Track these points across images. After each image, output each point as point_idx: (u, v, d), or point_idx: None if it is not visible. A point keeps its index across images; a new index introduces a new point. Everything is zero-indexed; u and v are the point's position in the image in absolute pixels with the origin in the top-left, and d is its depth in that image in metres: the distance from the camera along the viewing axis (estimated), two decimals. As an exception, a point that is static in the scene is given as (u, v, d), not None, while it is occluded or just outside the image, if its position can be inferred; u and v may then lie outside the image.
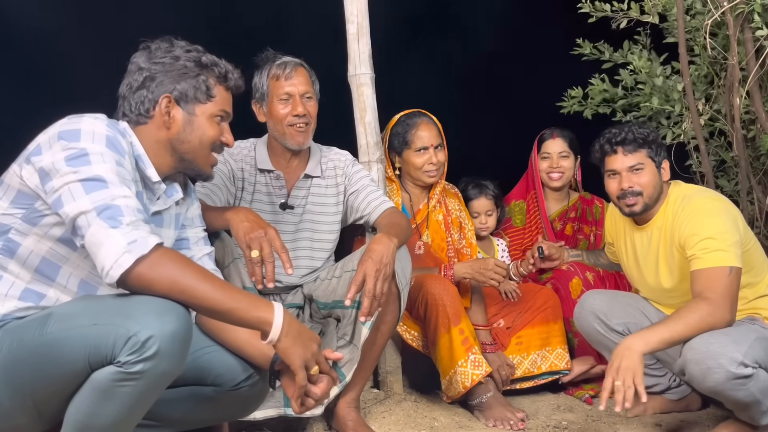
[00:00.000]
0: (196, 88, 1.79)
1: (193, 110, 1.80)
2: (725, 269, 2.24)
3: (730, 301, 2.22)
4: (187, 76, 1.79)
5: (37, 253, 1.66)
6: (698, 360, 2.15)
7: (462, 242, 3.03)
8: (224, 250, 2.27)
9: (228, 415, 2.00)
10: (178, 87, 1.78)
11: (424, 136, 2.91)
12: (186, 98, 1.79)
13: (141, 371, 1.48)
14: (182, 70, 1.78)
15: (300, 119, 2.47)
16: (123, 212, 1.54)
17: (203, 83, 1.80)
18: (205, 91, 1.80)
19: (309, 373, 1.66)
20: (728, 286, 2.23)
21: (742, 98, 2.79)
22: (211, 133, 1.83)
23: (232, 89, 1.87)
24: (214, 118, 1.83)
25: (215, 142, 1.85)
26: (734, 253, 2.26)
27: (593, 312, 2.61)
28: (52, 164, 1.58)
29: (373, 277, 2.13)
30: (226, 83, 1.85)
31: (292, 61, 2.50)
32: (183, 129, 1.80)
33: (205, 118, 1.81)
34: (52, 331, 1.52)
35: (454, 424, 2.56)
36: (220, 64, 1.84)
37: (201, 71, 1.80)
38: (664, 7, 3.01)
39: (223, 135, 1.86)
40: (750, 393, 2.16)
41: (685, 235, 2.35)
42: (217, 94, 1.82)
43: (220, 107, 1.84)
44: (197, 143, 1.82)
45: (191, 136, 1.81)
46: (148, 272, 1.51)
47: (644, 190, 2.43)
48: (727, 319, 2.21)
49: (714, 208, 2.36)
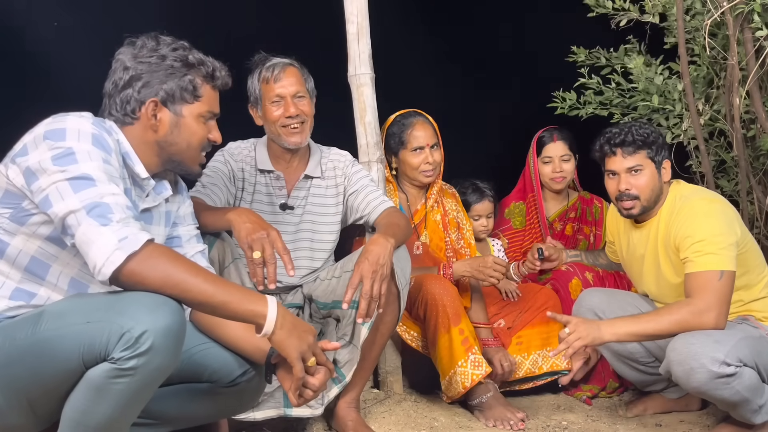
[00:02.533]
0: (183, 89, 1.78)
1: (180, 111, 1.79)
2: (716, 273, 2.23)
3: (719, 305, 2.21)
4: (174, 76, 1.77)
5: (26, 252, 1.66)
6: (680, 361, 2.16)
7: (460, 242, 3.03)
8: (225, 251, 2.27)
9: (225, 412, 2.00)
10: (164, 88, 1.77)
11: (419, 135, 2.90)
12: (173, 99, 1.78)
13: (135, 367, 1.49)
14: (169, 70, 1.77)
15: (293, 120, 2.46)
16: (112, 210, 1.54)
17: (190, 83, 1.78)
18: (192, 91, 1.79)
19: (306, 365, 1.66)
20: (718, 289, 2.22)
21: (741, 98, 2.79)
22: (199, 133, 1.82)
23: (219, 88, 1.85)
24: (201, 117, 1.82)
25: (203, 142, 1.84)
26: (727, 256, 2.26)
27: (591, 309, 2.62)
28: (38, 164, 1.58)
29: (369, 279, 2.12)
30: (213, 82, 1.83)
31: (280, 62, 2.49)
32: (170, 131, 1.79)
33: (192, 119, 1.80)
34: (46, 329, 1.52)
35: (454, 424, 2.56)
36: (206, 63, 1.82)
37: (188, 71, 1.78)
38: (664, 7, 3.01)
39: (211, 133, 1.85)
40: (736, 392, 2.15)
41: (680, 237, 2.34)
42: (204, 94, 1.81)
43: (208, 107, 1.82)
44: (185, 145, 1.81)
45: (179, 138, 1.80)
46: (140, 268, 1.51)
47: (641, 194, 2.43)
48: (713, 322, 2.20)
49: (709, 210, 2.35)
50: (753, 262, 2.42)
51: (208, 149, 1.88)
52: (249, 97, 2.54)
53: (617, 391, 2.93)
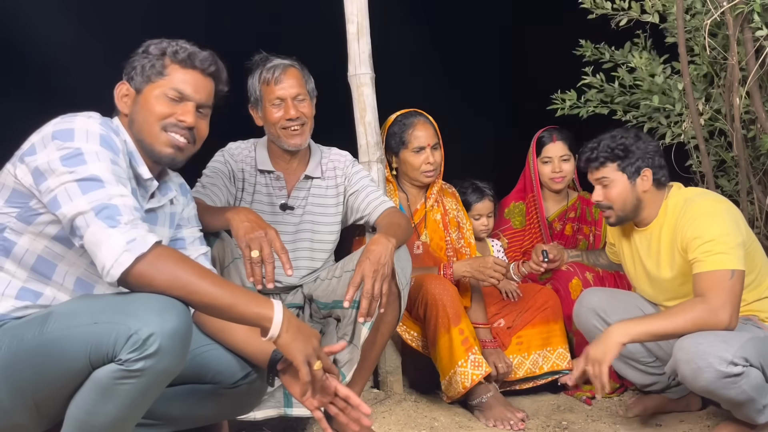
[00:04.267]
0: (150, 68, 1.79)
1: (142, 88, 1.79)
2: (727, 272, 2.23)
3: (731, 305, 2.21)
4: (146, 59, 1.79)
5: (32, 251, 1.66)
6: (688, 360, 2.15)
7: (461, 242, 3.03)
8: (224, 250, 2.27)
9: (227, 413, 2.00)
10: (134, 68, 1.80)
11: (420, 135, 2.90)
12: (137, 78, 1.79)
13: (142, 369, 1.49)
14: (145, 56, 1.80)
15: (294, 122, 2.46)
16: (121, 211, 1.55)
17: (157, 60, 1.79)
18: (159, 70, 1.79)
19: (312, 369, 1.65)
20: (730, 289, 2.22)
21: (741, 98, 2.79)
22: (157, 109, 1.78)
23: (190, 67, 1.80)
24: (164, 96, 1.79)
25: (165, 120, 1.78)
26: (736, 255, 2.26)
27: (592, 308, 2.62)
28: (47, 164, 1.58)
29: (371, 278, 2.13)
30: (181, 61, 1.80)
31: (281, 64, 2.47)
32: (133, 109, 1.80)
33: (152, 96, 1.79)
34: (53, 330, 1.52)
35: (454, 424, 2.56)
36: (184, 48, 1.81)
37: (161, 56, 1.80)
38: (664, 7, 3.01)
39: (178, 113, 1.79)
40: (743, 391, 2.16)
41: (687, 238, 2.34)
42: (170, 73, 1.79)
43: (173, 85, 1.79)
44: (142, 120, 1.79)
45: (138, 115, 1.79)
46: (148, 270, 1.52)
47: (614, 204, 2.48)
48: (725, 322, 2.19)
49: (716, 210, 2.36)
50: (757, 263, 2.43)
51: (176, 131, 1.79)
52: (249, 97, 2.53)
53: (617, 391, 2.93)
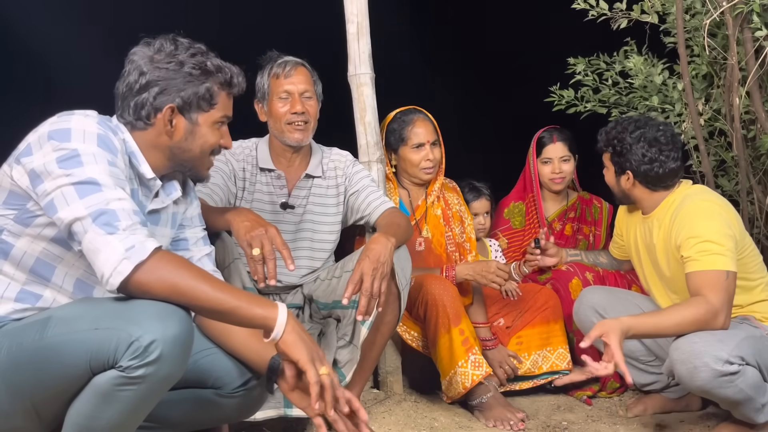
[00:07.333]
0: (200, 97, 1.75)
1: (196, 119, 1.77)
2: (722, 273, 2.24)
3: (728, 306, 2.22)
4: (192, 84, 1.74)
5: (30, 253, 1.64)
6: (684, 360, 2.16)
7: (463, 236, 3.03)
8: (225, 251, 2.27)
9: (227, 418, 1.98)
10: (181, 95, 1.74)
11: (420, 132, 2.91)
12: (189, 107, 1.75)
13: (143, 376, 1.48)
14: (187, 78, 1.73)
15: (298, 117, 2.47)
16: (119, 217, 1.52)
17: (207, 91, 1.76)
18: (209, 100, 1.77)
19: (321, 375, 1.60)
20: (725, 289, 2.23)
21: (741, 98, 2.79)
22: (212, 140, 1.81)
23: (234, 94, 1.84)
24: (216, 124, 1.81)
25: (215, 148, 1.84)
26: (731, 258, 2.27)
27: (592, 306, 2.63)
28: (43, 166, 1.55)
29: (370, 276, 2.13)
30: (230, 89, 1.82)
31: (292, 61, 2.52)
32: (185, 138, 1.77)
33: (207, 127, 1.79)
34: (53, 334, 1.51)
35: (454, 424, 2.56)
36: (224, 69, 1.80)
37: (206, 79, 1.76)
38: (663, 7, 3.01)
39: (223, 138, 1.84)
40: (740, 390, 2.16)
41: (682, 236, 2.34)
42: (219, 101, 1.79)
43: (222, 113, 1.81)
44: (198, 152, 1.80)
45: (192, 144, 1.79)
46: (148, 278, 1.50)
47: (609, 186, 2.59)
48: (721, 323, 2.20)
49: (710, 211, 2.36)
50: (752, 265, 2.43)
51: (218, 154, 1.88)
52: (256, 92, 2.54)
53: (617, 391, 2.93)
